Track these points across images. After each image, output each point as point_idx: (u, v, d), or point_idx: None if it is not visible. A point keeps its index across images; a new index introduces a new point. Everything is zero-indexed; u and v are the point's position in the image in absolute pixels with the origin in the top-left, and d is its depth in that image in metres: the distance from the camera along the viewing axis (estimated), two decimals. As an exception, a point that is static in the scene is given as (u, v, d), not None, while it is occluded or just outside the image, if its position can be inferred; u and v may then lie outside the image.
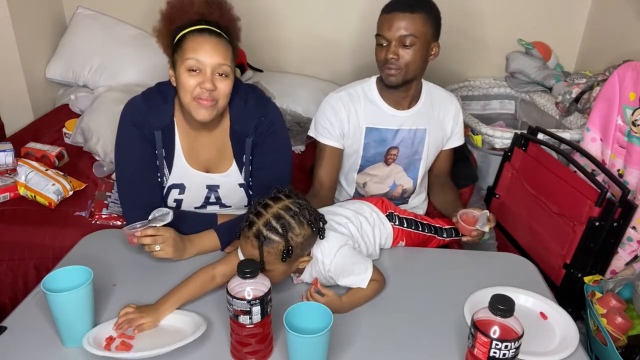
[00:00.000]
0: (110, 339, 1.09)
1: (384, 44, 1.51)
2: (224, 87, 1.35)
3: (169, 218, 1.31)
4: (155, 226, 1.29)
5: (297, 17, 2.79)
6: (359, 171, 1.69)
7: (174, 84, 1.39)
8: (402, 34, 1.47)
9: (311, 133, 1.69)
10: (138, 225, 1.30)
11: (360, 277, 1.22)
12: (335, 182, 1.71)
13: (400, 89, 1.57)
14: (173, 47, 1.37)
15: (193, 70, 1.32)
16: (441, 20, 1.55)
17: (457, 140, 1.75)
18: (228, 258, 1.27)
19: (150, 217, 1.31)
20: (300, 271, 1.27)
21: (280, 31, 2.82)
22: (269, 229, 1.14)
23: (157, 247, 1.30)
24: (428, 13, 1.50)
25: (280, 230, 1.14)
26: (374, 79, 1.64)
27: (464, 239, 1.48)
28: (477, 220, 1.45)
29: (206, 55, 1.31)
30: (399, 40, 1.48)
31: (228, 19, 1.41)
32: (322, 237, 1.23)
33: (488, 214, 1.44)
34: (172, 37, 1.38)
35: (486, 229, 1.43)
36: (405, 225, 1.49)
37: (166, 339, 1.09)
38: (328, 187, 1.68)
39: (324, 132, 1.64)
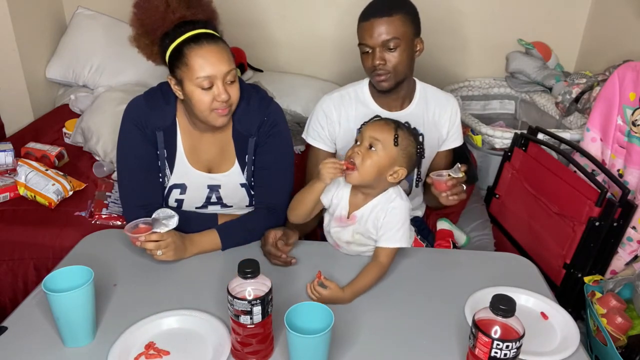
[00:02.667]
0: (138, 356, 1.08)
1: (369, 51, 1.50)
2: (235, 92, 1.36)
3: (174, 224, 1.30)
4: (159, 232, 1.29)
5: (297, 17, 2.79)
6: None
7: (181, 97, 1.37)
8: (385, 38, 1.46)
9: (303, 135, 1.69)
10: (141, 225, 1.29)
11: (394, 240, 1.29)
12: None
13: (392, 92, 1.57)
14: (169, 59, 1.33)
15: (206, 88, 1.31)
16: (419, 14, 1.53)
17: (454, 142, 1.71)
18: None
19: (154, 216, 1.31)
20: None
21: (280, 31, 2.82)
22: (401, 123, 1.30)
23: (160, 252, 1.30)
24: (406, 12, 1.48)
25: (409, 128, 1.32)
26: (366, 80, 1.63)
27: (443, 195, 1.41)
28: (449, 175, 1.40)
29: (214, 68, 1.29)
30: (382, 46, 1.47)
31: (209, 11, 1.39)
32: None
33: (459, 165, 1.41)
34: (162, 47, 1.35)
35: (460, 174, 1.38)
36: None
37: (187, 344, 1.11)
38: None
39: (314, 134, 1.65)
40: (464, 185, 1.43)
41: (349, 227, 1.35)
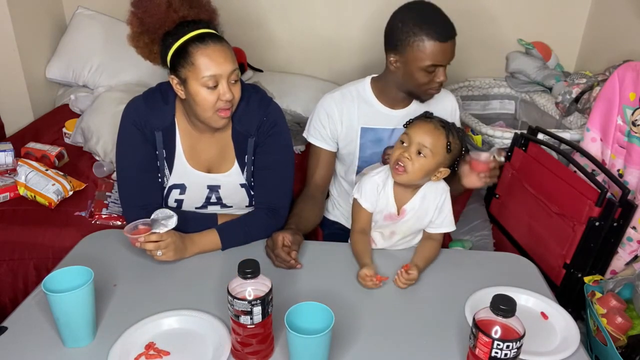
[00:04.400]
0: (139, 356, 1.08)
1: (433, 70, 1.49)
2: (238, 92, 1.37)
3: (173, 224, 1.30)
4: (159, 232, 1.29)
5: (297, 16, 2.78)
6: (357, 172, 1.69)
7: (182, 97, 1.37)
8: (451, 58, 1.50)
9: (304, 134, 1.69)
10: (140, 226, 1.29)
11: (451, 224, 1.42)
12: (328, 184, 1.72)
13: (398, 90, 1.57)
14: (172, 58, 1.33)
15: (211, 87, 1.31)
16: None
17: None
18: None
19: (153, 217, 1.31)
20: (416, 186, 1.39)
21: (280, 31, 2.81)
22: (450, 124, 1.33)
23: (160, 253, 1.30)
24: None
25: (456, 128, 1.35)
26: (368, 79, 1.63)
27: (481, 175, 1.44)
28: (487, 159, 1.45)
29: (220, 67, 1.30)
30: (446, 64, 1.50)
31: (210, 11, 1.39)
32: (456, 168, 1.39)
33: (497, 147, 1.45)
34: (164, 46, 1.34)
35: (502, 158, 1.44)
36: None
37: (187, 344, 1.10)
38: (322, 190, 1.69)
39: (315, 133, 1.64)
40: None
41: (399, 222, 1.41)
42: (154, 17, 1.35)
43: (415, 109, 1.62)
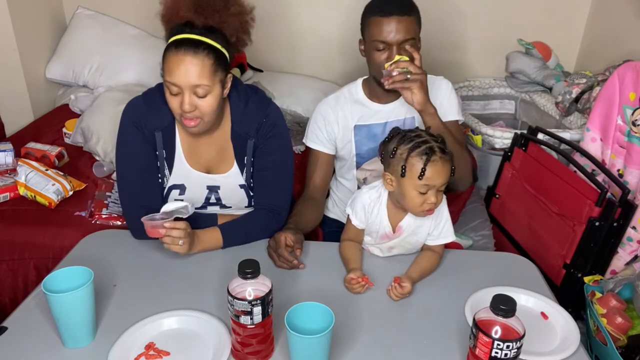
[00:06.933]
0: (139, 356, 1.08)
1: (383, 48, 1.49)
2: (205, 105, 1.32)
3: (191, 211, 1.31)
4: (182, 218, 1.29)
5: (297, 16, 2.79)
6: (357, 167, 1.70)
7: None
8: (405, 37, 1.46)
9: (304, 140, 1.72)
10: (157, 217, 1.28)
11: (450, 235, 1.38)
12: (327, 185, 1.73)
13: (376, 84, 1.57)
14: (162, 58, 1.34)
15: (174, 94, 1.31)
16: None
17: (450, 115, 1.64)
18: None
19: (165, 210, 1.30)
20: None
21: (280, 31, 2.81)
22: (444, 147, 1.26)
23: (181, 242, 1.29)
24: (417, 13, 1.51)
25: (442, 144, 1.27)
26: (360, 80, 1.66)
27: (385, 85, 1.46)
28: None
29: (180, 77, 1.28)
30: (399, 44, 1.47)
31: (220, 20, 1.38)
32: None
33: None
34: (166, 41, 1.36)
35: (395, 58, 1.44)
36: None
37: (187, 344, 1.10)
38: (322, 191, 1.70)
39: (313, 137, 1.67)
40: (410, 71, 1.43)
41: (396, 238, 1.37)
42: (168, 11, 1.37)
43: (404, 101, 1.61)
